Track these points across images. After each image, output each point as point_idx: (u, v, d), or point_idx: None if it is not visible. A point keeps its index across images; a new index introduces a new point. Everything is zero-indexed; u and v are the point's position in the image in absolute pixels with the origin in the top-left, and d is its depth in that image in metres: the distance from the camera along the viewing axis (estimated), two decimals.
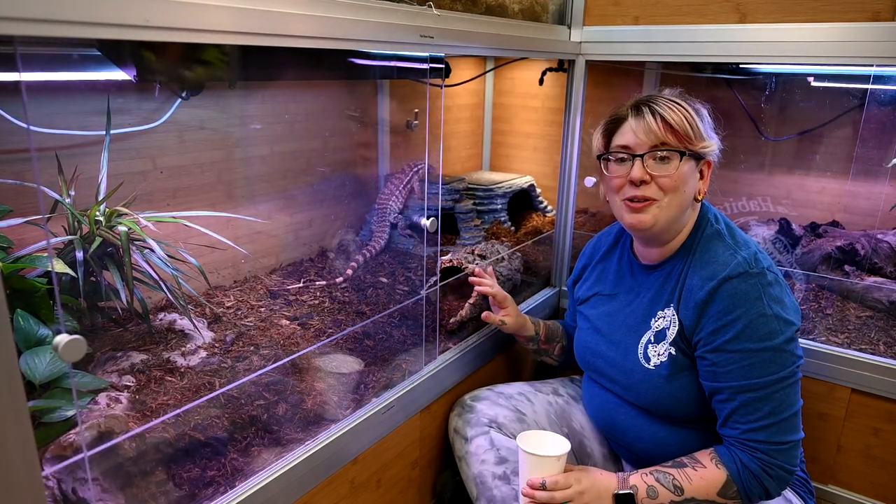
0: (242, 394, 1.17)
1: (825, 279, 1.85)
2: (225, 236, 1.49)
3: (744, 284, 1.06)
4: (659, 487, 1.08)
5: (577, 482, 1.10)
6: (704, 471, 1.08)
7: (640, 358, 1.19)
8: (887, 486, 1.55)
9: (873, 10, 1.38)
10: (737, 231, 1.18)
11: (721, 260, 1.10)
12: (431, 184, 1.90)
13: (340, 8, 1.00)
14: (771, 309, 1.05)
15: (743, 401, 1.05)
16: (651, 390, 1.17)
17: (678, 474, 1.09)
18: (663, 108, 1.12)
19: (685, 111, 1.12)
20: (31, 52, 1.09)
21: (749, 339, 1.04)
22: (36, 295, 1.03)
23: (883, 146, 1.83)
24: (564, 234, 1.94)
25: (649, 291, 1.22)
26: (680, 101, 1.14)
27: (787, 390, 1.05)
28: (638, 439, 1.22)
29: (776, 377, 1.04)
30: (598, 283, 1.36)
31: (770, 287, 1.07)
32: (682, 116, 1.12)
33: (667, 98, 1.15)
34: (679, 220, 1.16)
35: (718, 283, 1.07)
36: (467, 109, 2.46)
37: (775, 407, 1.04)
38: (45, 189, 1.17)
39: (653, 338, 1.18)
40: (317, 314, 1.53)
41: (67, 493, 0.88)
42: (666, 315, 1.17)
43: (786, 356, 1.05)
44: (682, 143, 1.11)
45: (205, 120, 1.52)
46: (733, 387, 1.06)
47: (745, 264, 1.07)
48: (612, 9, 1.71)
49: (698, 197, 1.16)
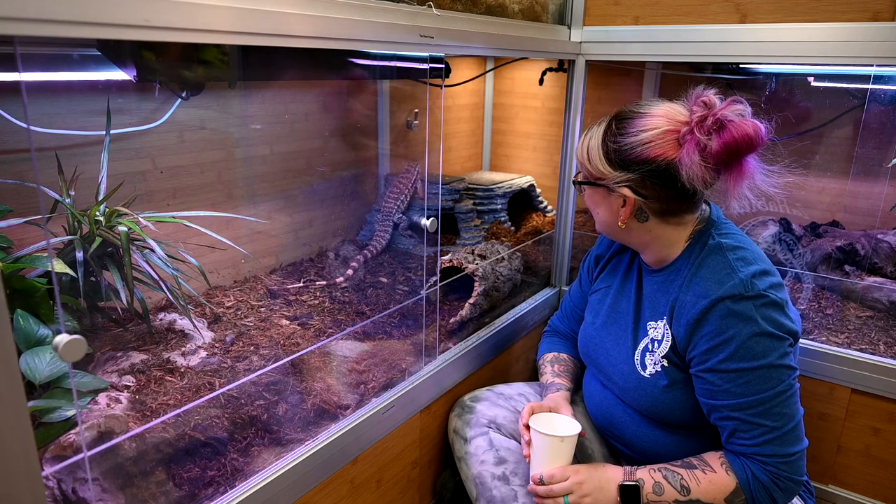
0: (242, 394, 1.17)
1: (825, 279, 1.85)
2: (225, 236, 1.49)
3: (737, 305, 1.04)
4: (665, 485, 1.08)
5: (575, 472, 1.13)
6: (714, 475, 1.07)
7: (636, 364, 1.18)
8: (887, 486, 1.55)
9: (873, 10, 1.38)
10: (744, 245, 1.13)
11: (717, 278, 1.07)
12: (431, 184, 1.90)
13: (340, 8, 1.00)
14: (764, 327, 1.03)
15: (743, 418, 1.04)
16: (646, 398, 1.16)
17: (687, 475, 1.08)
18: (585, 133, 1.17)
19: (587, 142, 1.15)
20: (31, 52, 1.09)
21: (742, 358, 1.03)
22: (36, 295, 1.03)
23: (883, 146, 1.83)
24: (564, 234, 1.94)
25: (649, 295, 1.21)
26: (593, 130, 1.15)
27: (786, 403, 1.04)
28: (636, 437, 1.22)
29: (773, 392, 1.03)
30: (609, 276, 1.35)
31: (765, 308, 1.04)
32: (581, 146, 1.17)
33: (600, 122, 1.16)
34: (635, 236, 1.16)
35: (711, 304, 1.05)
36: (467, 109, 2.46)
37: (776, 421, 1.04)
38: (45, 189, 1.17)
39: (650, 345, 1.17)
40: (317, 314, 1.53)
41: (67, 493, 0.88)
42: (658, 327, 1.16)
43: (781, 371, 1.03)
44: (584, 171, 1.17)
45: (205, 120, 1.52)
46: (731, 405, 1.05)
47: (740, 286, 1.04)
48: (612, 9, 1.71)
49: (619, 224, 1.15)
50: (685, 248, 1.15)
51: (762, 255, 1.12)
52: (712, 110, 1.03)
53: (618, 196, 1.11)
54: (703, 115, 1.03)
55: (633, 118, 1.09)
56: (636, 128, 1.08)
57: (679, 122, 1.06)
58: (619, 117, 1.12)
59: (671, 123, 1.06)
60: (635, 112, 1.10)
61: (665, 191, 1.08)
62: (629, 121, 1.09)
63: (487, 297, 1.66)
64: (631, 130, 1.08)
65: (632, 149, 1.07)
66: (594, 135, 1.14)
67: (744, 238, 1.15)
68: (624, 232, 1.16)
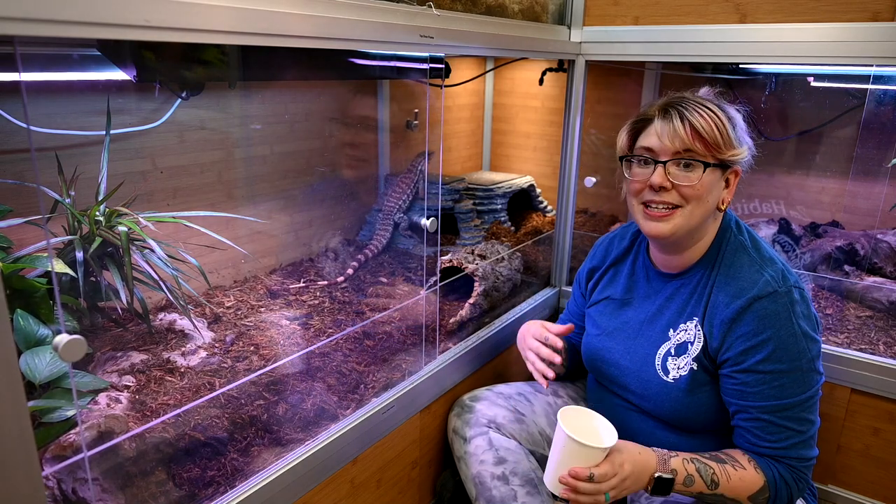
0: (242, 394, 1.17)
1: (825, 279, 1.85)
2: (225, 236, 1.49)
3: (773, 304, 1.04)
4: (697, 478, 1.06)
5: (622, 469, 1.03)
6: (744, 472, 1.07)
7: (658, 370, 1.17)
8: (887, 486, 1.55)
9: (873, 10, 1.38)
10: (761, 242, 1.15)
11: (749, 277, 1.08)
12: (431, 184, 1.90)
13: (340, 8, 1.00)
14: (800, 328, 1.04)
15: (772, 420, 1.05)
16: (670, 402, 1.15)
17: (718, 469, 1.07)
18: (693, 112, 1.06)
19: (716, 117, 1.06)
20: (31, 52, 1.09)
21: (780, 360, 1.04)
22: (36, 295, 1.03)
23: (883, 146, 1.83)
24: (564, 234, 1.94)
25: (669, 300, 1.19)
26: (712, 106, 1.08)
27: (813, 408, 1.06)
28: (650, 444, 1.20)
29: (804, 397, 1.04)
30: (609, 286, 1.33)
31: (797, 305, 1.05)
32: (711, 124, 1.05)
33: (699, 101, 1.08)
34: (700, 228, 1.12)
35: (747, 303, 1.05)
36: (467, 109, 2.46)
37: (802, 425, 1.05)
38: (45, 189, 1.17)
39: (673, 350, 1.16)
40: (317, 314, 1.53)
41: (67, 493, 0.88)
42: (689, 328, 1.14)
43: (812, 375, 1.05)
44: (709, 152, 1.06)
45: (205, 120, 1.52)
46: (762, 406, 1.06)
47: (773, 283, 1.05)
48: (612, 9, 1.71)
49: (721, 206, 1.12)
50: (708, 249, 1.16)
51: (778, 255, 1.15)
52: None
53: (723, 178, 1.11)
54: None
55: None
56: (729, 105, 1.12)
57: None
58: (708, 97, 1.14)
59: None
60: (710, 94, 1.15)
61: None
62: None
63: (487, 297, 1.66)
64: (727, 107, 1.12)
65: (741, 121, 1.12)
66: (708, 113, 1.06)
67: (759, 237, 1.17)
68: (712, 222, 1.15)
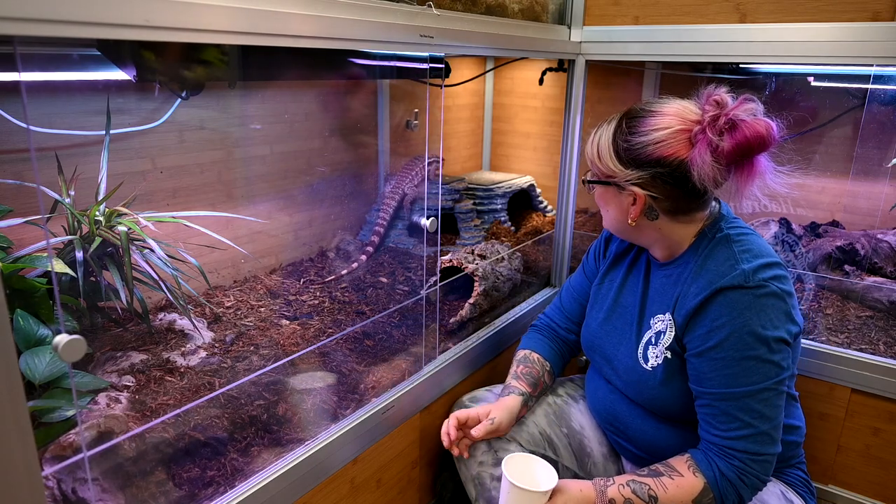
0: (242, 394, 1.17)
1: (825, 279, 1.85)
2: (225, 236, 1.49)
3: (735, 294, 1.04)
4: (635, 499, 1.07)
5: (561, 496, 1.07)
6: (681, 479, 1.07)
7: (639, 358, 1.19)
8: (887, 486, 1.55)
9: (873, 10, 1.38)
10: (750, 238, 1.13)
11: (720, 270, 1.08)
12: (431, 183, 1.90)
13: (340, 8, 1.00)
14: (758, 320, 1.03)
15: (723, 408, 1.05)
16: (648, 391, 1.17)
17: (654, 484, 1.08)
18: (593, 134, 1.16)
19: (597, 140, 1.14)
20: (31, 52, 1.09)
21: (732, 347, 1.03)
22: (36, 295, 1.03)
23: (883, 146, 1.83)
24: (564, 234, 1.94)
25: (655, 290, 1.21)
26: (604, 129, 1.14)
27: (769, 402, 1.03)
28: (641, 433, 1.22)
29: (757, 388, 1.03)
30: (613, 270, 1.34)
31: (765, 298, 1.04)
32: (591, 144, 1.16)
33: (610, 120, 1.15)
34: (643, 230, 1.15)
35: (712, 293, 1.06)
36: (467, 109, 2.46)
37: (754, 418, 1.03)
38: (45, 189, 1.17)
39: (653, 339, 1.18)
40: (317, 314, 1.53)
41: (67, 493, 0.88)
42: (664, 319, 1.16)
43: (769, 367, 1.03)
44: (598, 170, 1.15)
45: (205, 120, 1.52)
46: (714, 393, 1.05)
47: (741, 277, 1.04)
48: (612, 9, 1.71)
49: (629, 222, 1.14)
50: (693, 241, 1.16)
51: (769, 250, 1.12)
52: (724, 109, 1.03)
53: (628, 194, 1.11)
54: (715, 115, 1.02)
55: (645, 117, 1.08)
56: (647, 126, 1.07)
57: (691, 122, 1.05)
58: (629, 115, 1.11)
59: (683, 123, 1.05)
60: (646, 110, 1.09)
61: (676, 189, 1.07)
62: (640, 119, 1.09)
63: (487, 297, 1.66)
64: (642, 129, 1.07)
65: (643, 147, 1.07)
66: (604, 133, 1.13)
67: (751, 232, 1.15)
68: (633, 230, 1.16)
